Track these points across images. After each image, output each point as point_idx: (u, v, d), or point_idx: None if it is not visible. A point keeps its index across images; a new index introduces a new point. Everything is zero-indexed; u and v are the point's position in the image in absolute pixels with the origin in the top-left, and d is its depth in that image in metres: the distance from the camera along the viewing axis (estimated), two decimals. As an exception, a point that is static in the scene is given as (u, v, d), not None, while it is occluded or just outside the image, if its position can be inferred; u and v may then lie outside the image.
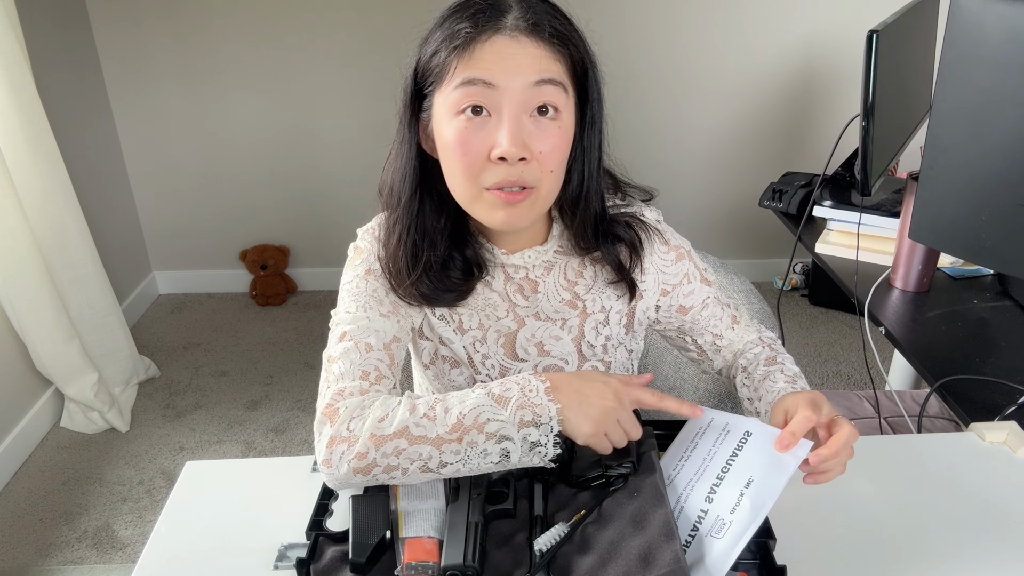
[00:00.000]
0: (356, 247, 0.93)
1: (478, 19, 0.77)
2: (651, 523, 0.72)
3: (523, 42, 0.76)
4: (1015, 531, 0.79)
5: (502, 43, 0.76)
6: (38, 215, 2.05)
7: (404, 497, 0.77)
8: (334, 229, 2.95)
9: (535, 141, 0.78)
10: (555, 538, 0.73)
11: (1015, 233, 1.06)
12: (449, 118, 0.79)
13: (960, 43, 1.03)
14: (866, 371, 2.46)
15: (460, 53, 0.77)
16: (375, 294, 0.88)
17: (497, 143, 0.77)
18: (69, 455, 2.18)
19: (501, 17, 0.77)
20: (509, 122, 0.77)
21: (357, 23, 2.60)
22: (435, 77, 0.80)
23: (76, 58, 2.54)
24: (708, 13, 2.60)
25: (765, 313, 1.20)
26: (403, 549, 0.71)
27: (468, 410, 0.74)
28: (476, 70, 0.76)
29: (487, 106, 0.77)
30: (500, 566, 0.72)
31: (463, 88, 0.77)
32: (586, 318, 0.96)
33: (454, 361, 0.96)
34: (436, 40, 0.79)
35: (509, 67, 0.76)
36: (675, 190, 2.89)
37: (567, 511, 0.77)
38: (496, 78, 0.76)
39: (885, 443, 0.98)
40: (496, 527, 0.76)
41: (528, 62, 0.76)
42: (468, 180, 0.80)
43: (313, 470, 0.88)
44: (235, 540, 0.79)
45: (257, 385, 2.49)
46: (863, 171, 1.34)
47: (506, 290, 0.94)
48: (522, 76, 0.76)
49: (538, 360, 0.96)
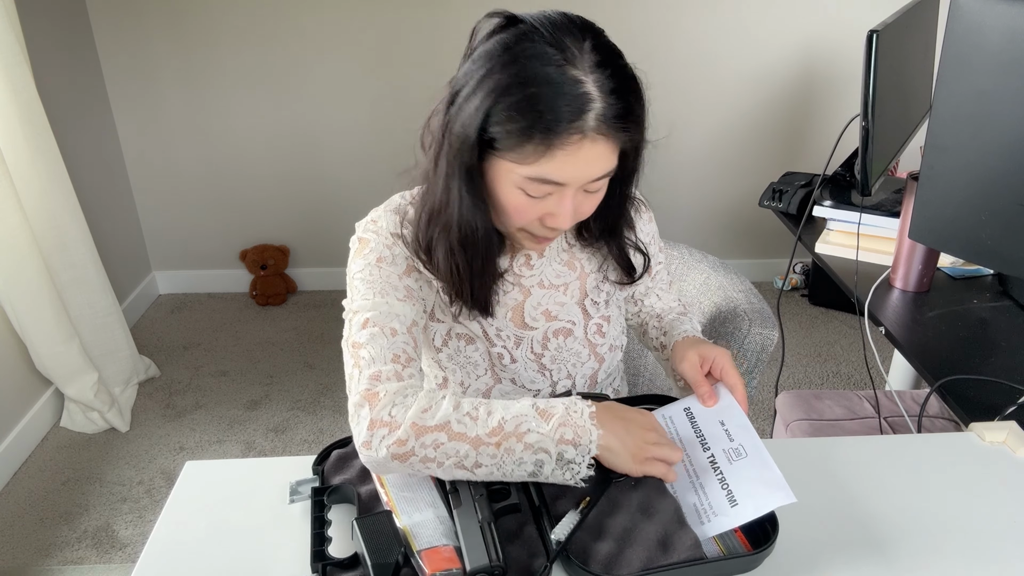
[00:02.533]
0: (360, 239, 0.93)
1: (561, 124, 0.73)
2: (661, 511, 0.75)
3: (600, 144, 0.77)
4: (1015, 531, 0.79)
5: (582, 149, 0.76)
6: (38, 215, 2.05)
7: (403, 513, 0.77)
8: (334, 229, 2.95)
9: (581, 209, 0.84)
10: (570, 525, 0.74)
11: (1015, 233, 1.06)
12: (510, 187, 0.80)
13: (960, 43, 1.03)
14: (866, 371, 2.46)
15: (537, 146, 0.75)
16: (389, 280, 0.88)
17: (553, 217, 0.82)
18: (69, 455, 2.18)
19: (583, 114, 0.74)
20: (568, 206, 0.81)
21: (357, 23, 2.60)
22: (504, 146, 0.77)
23: (76, 58, 2.54)
24: (708, 13, 2.60)
25: (765, 313, 1.20)
26: (423, 562, 0.70)
27: (511, 417, 0.75)
28: (552, 172, 0.77)
29: (551, 192, 0.80)
30: (517, 559, 0.73)
31: (534, 182, 0.78)
32: (586, 277, 1.01)
33: (469, 338, 0.99)
34: (510, 120, 0.74)
35: (583, 169, 0.78)
36: (675, 190, 2.89)
37: (565, 499, 0.79)
38: (568, 179, 0.78)
39: (885, 443, 0.98)
40: (502, 523, 0.77)
41: (598, 163, 0.78)
42: (513, 227, 0.86)
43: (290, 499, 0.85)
44: (235, 540, 0.79)
45: (257, 385, 2.49)
46: (863, 171, 1.34)
47: (512, 267, 0.97)
48: (590, 176, 0.79)
49: (547, 325, 1.00)
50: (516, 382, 1.02)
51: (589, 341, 1.03)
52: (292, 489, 0.84)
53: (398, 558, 0.71)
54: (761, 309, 1.20)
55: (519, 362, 1.00)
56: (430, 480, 0.81)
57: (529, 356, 1.00)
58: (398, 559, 0.71)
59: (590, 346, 1.03)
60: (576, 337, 1.02)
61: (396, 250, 0.90)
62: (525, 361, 1.00)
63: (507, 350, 0.99)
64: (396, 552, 0.71)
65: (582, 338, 1.02)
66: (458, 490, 0.77)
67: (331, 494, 0.82)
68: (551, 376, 1.02)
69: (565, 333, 1.01)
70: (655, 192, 1.03)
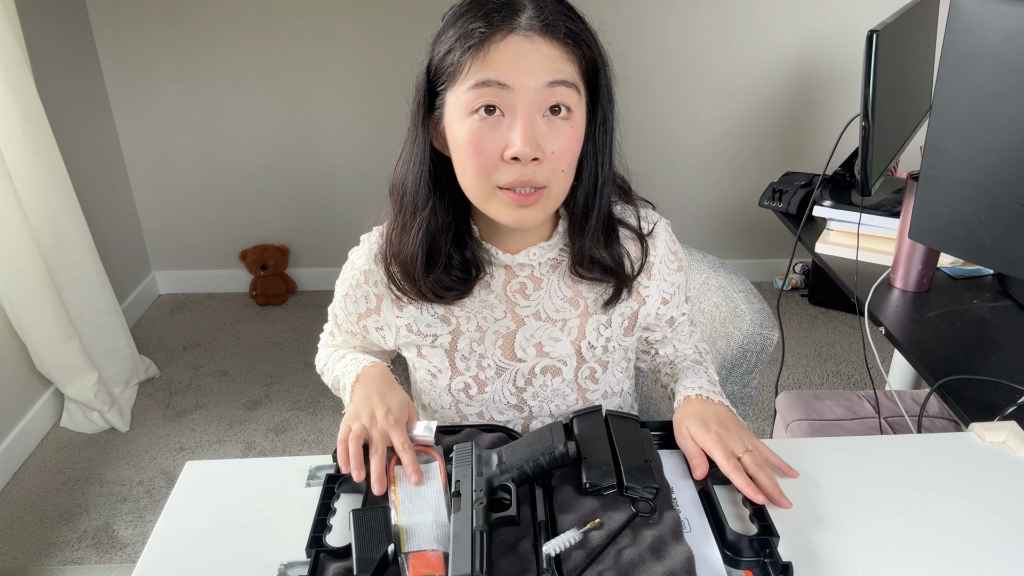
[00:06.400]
0: (349, 258, 0.99)
1: (492, 18, 0.76)
2: (672, 556, 0.71)
3: (537, 42, 0.76)
4: (1015, 531, 0.79)
5: (516, 43, 0.76)
6: (38, 215, 2.05)
7: (404, 512, 0.77)
8: (334, 229, 2.95)
9: (547, 141, 0.79)
10: (566, 543, 0.72)
11: (1015, 233, 1.06)
12: (462, 117, 0.79)
13: (960, 43, 1.03)
14: (866, 371, 2.46)
15: (474, 53, 0.76)
16: (349, 318, 1.01)
17: (510, 143, 0.78)
18: (69, 455, 2.18)
19: (515, 16, 0.76)
20: (523, 122, 0.77)
21: (357, 23, 2.60)
22: (448, 76, 0.79)
23: (76, 58, 2.54)
24: (708, 13, 2.61)
25: (765, 313, 1.19)
26: (407, 565, 0.70)
27: (339, 373, 1.02)
28: (490, 71, 0.76)
29: (501, 106, 0.77)
30: (507, 574, 0.71)
31: (477, 89, 0.77)
32: (588, 318, 0.96)
33: (432, 372, 0.99)
34: (449, 39, 0.79)
35: (523, 67, 0.76)
36: (675, 190, 2.89)
37: (571, 516, 0.77)
38: (510, 79, 0.76)
39: (885, 443, 0.98)
40: (500, 535, 0.75)
41: (542, 62, 0.76)
42: (481, 179, 0.81)
43: (307, 483, 0.86)
44: (235, 541, 0.79)
45: (257, 385, 2.49)
46: (863, 171, 1.34)
47: (505, 291, 0.94)
48: (536, 77, 0.76)
49: (536, 360, 0.96)
50: (483, 416, 0.99)
51: (579, 385, 0.98)
52: (311, 473, 0.87)
53: (384, 554, 0.71)
54: (761, 309, 1.20)
55: (489, 393, 0.97)
56: (440, 483, 0.81)
57: (510, 389, 0.97)
58: (384, 555, 0.71)
59: (579, 390, 0.98)
60: (564, 379, 0.97)
61: (360, 291, 0.97)
62: (503, 393, 0.97)
63: (475, 380, 0.96)
64: (383, 548, 0.71)
65: (571, 380, 0.97)
66: (460, 495, 0.76)
67: (342, 483, 0.83)
68: (530, 412, 0.99)
69: (553, 372, 0.96)
70: (655, 192, 1.01)
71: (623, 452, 0.81)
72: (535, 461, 0.78)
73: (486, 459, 0.80)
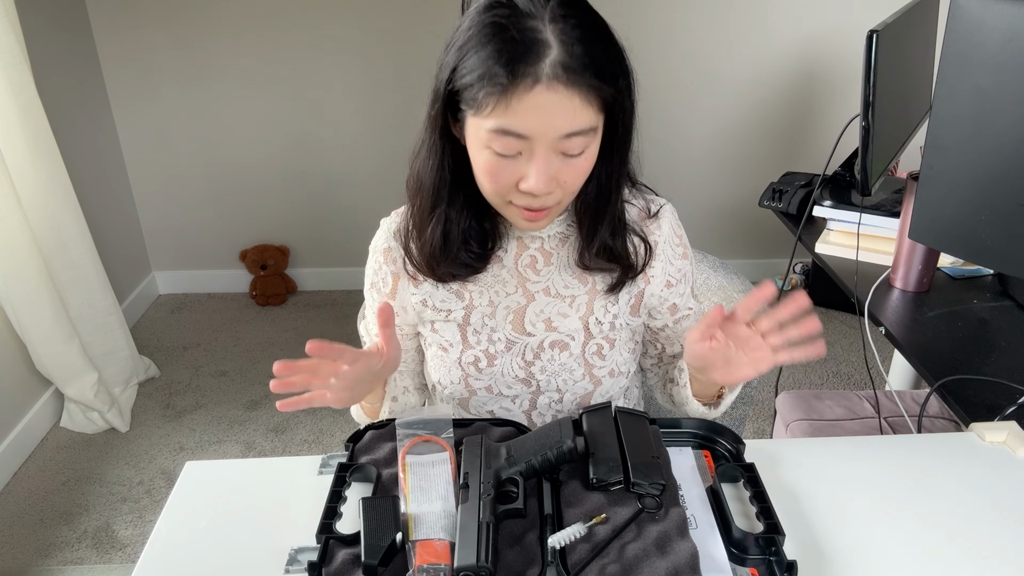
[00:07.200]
0: (371, 245, 1.01)
1: (516, 68, 0.73)
2: (676, 552, 0.71)
3: (560, 93, 0.75)
4: (1015, 531, 0.79)
5: (539, 95, 0.74)
6: (38, 215, 2.05)
7: (413, 500, 0.77)
8: (334, 229, 2.95)
9: (562, 174, 0.81)
10: (571, 536, 0.73)
11: (1015, 233, 1.06)
12: (480, 146, 0.80)
13: (960, 43, 1.03)
14: (866, 371, 2.46)
15: (496, 99, 0.75)
16: (374, 305, 1.03)
17: (526, 177, 0.80)
18: (69, 455, 2.18)
19: (539, 61, 0.74)
20: (538, 165, 0.79)
21: (358, 23, 2.60)
22: (468, 102, 0.78)
23: (76, 58, 2.54)
24: (708, 13, 2.61)
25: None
26: (414, 552, 0.71)
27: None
28: (511, 121, 0.76)
29: (519, 147, 0.78)
30: (512, 565, 0.72)
31: (496, 134, 0.77)
32: (596, 295, 0.98)
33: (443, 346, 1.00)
34: (471, 69, 0.76)
35: (544, 119, 0.76)
36: (675, 190, 2.87)
37: (577, 510, 0.77)
38: (531, 130, 0.76)
39: (885, 443, 0.98)
40: (507, 527, 0.76)
41: (562, 114, 0.76)
42: (496, 195, 0.85)
43: (320, 471, 0.88)
44: (235, 540, 0.79)
45: (257, 385, 2.49)
46: (863, 171, 1.34)
47: (517, 266, 0.97)
48: (555, 129, 0.77)
49: (545, 335, 0.98)
50: (492, 390, 1.00)
51: (586, 360, 0.99)
52: (323, 461, 0.89)
53: (392, 542, 0.72)
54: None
55: (498, 367, 0.98)
56: (450, 473, 0.81)
57: (518, 362, 0.98)
58: (392, 543, 0.72)
59: (586, 365, 0.99)
60: (572, 353, 0.98)
61: (384, 271, 0.99)
62: (511, 367, 0.98)
63: (485, 354, 0.98)
64: (391, 535, 0.72)
65: (578, 355, 0.99)
66: (468, 486, 0.77)
67: (353, 472, 0.84)
68: (538, 386, 1.00)
69: (561, 346, 0.98)
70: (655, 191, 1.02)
71: (631, 448, 0.81)
72: (543, 455, 0.79)
73: (495, 452, 0.81)
